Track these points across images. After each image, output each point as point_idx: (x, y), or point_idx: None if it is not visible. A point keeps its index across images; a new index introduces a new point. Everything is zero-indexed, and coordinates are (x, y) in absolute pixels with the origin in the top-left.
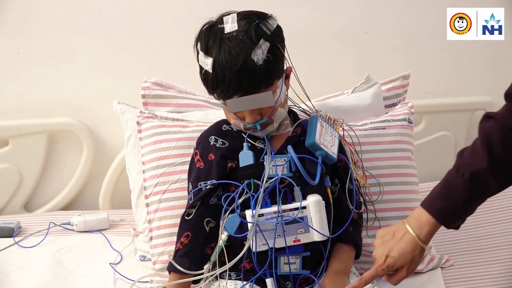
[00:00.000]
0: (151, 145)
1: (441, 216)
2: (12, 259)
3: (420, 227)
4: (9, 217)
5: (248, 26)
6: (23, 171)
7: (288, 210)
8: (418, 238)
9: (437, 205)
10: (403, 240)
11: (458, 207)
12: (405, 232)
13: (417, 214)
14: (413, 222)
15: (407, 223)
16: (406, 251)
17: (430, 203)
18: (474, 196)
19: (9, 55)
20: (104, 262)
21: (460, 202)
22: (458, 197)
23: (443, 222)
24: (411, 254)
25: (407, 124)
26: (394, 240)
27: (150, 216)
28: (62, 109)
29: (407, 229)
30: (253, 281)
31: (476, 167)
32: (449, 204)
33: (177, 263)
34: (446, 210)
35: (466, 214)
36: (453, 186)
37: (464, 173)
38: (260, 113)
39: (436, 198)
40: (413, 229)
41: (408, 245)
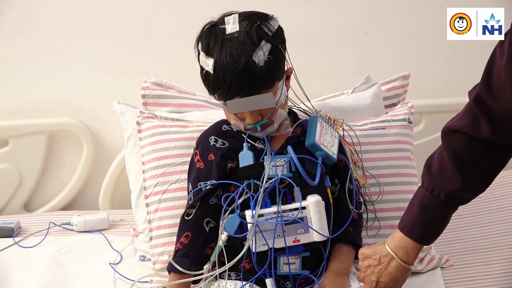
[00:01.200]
0: (151, 145)
1: (425, 239)
2: (12, 259)
3: (407, 254)
4: (9, 217)
5: (249, 27)
6: (23, 171)
7: (288, 210)
8: (406, 264)
9: (419, 230)
10: (391, 266)
11: (439, 227)
12: (391, 259)
13: (398, 239)
14: (398, 249)
15: (392, 251)
16: (396, 276)
17: (411, 229)
18: (451, 212)
19: (8, 55)
20: (104, 262)
21: (440, 222)
22: (437, 218)
23: (427, 243)
24: (402, 278)
25: (407, 124)
26: (381, 265)
27: (150, 216)
28: (62, 109)
29: (393, 256)
30: (252, 281)
31: (451, 187)
32: (430, 227)
33: (177, 263)
34: (428, 233)
35: (444, 228)
36: (431, 209)
37: (439, 194)
38: (261, 114)
39: (416, 224)
40: (400, 257)
41: (397, 271)
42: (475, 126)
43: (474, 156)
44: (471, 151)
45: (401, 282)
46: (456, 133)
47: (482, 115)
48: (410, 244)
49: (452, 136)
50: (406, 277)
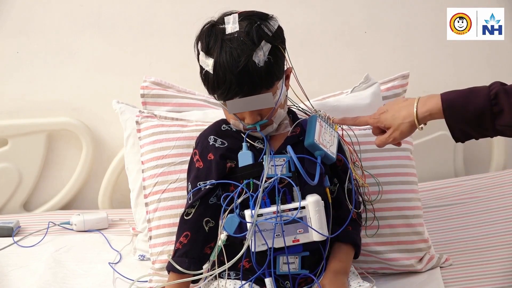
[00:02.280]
0: (150, 145)
1: (448, 105)
2: (11, 258)
3: (424, 104)
4: (8, 217)
5: (249, 27)
6: (22, 171)
7: (287, 210)
8: (416, 112)
9: (452, 95)
10: (404, 106)
11: (467, 111)
12: (411, 102)
13: (431, 95)
14: (423, 98)
15: (419, 97)
16: (399, 114)
17: (447, 93)
18: (487, 112)
19: (8, 55)
20: (103, 261)
21: (472, 108)
22: (474, 102)
23: (445, 111)
24: (401, 119)
25: None
26: (399, 104)
27: (149, 215)
28: (61, 108)
29: (415, 99)
30: (252, 280)
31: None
32: (462, 102)
33: (176, 263)
34: (455, 105)
35: (468, 123)
36: (477, 93)
37: (492, 89)
38: (260, 114)
39: (455, 92)
40: (417, 103)
41: (404, 111)
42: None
43: None
44: None
45: (398, 122)
46: None
47: None
48: (434, 99)
49: None
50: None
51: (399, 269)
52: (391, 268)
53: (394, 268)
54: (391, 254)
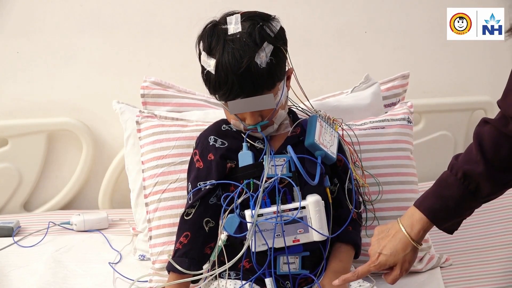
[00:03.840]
0: (151, 145)
1: (432, 214)
2: (12, 258)
3: (411, 226)
4: (9, 217)
5: (252, 28)
6: (23, 171)
7: (287, 210)
8: (409, 237)
9: (428, 203)
10: (395, 238)
11: (450, 206)
12: (398, 230)
13: (410, 213)
14: (405, 220)
15: (400, 222)
16: (397, 249)
17: (422, 201)
18: (466, 195)
19: (8, 55)
20: (104, 261)
21: (452, 201)
22: (450, 195)
23: (434, 220)
24: (402, 252)
25: (406, 123)
26: (387, 238)
27: (150, 215)
28: (62, 108)
29: (399, 227)
30: (252, 280)
31: (469, 168)
32: (440, 202)
33: (176, 263)
34: (437, 208)
35: (457, 214)
36: (446, 184)
37: (457, 172)
38: (261, 114)
39: (428, 197)
40: (405, 228)
41: (399, 243)
42: (502, 120)
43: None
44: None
45: (401, 256)
46: (487, 124)
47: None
48: (417, 216)
49: (483, 126)
50: (408, 255)
51: None
52: None
53: None
54: None
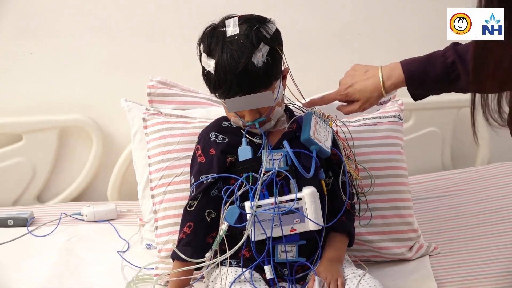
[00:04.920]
0: (156, 140)
1: (410, 78)
2: (26, 247)
3: (389, 77)
4: (23, 208)
5: (249, 30)
6: (36, 165)
7: (284, 201)
8: (382, 84)
9: (412, 68)
10: (370, 79)
11: (427, 80)
12: (375, 75)
13: (393, 66)
14: (386, 70)
15: (380, 69)
16: (368, 89)
17: (408, 64)
18: (445, 79)
19: (22, 56)
20: (112, 250)
21: (431, 77)
22: (432, 71)
23: (408, 83)
24: (370, 93)
25: (397, 120)
26: (363, 76)
27: (156, 207)
28: (73, 106)
29: (378, 73)
30: (252, 268)
31: (460, 58)
32: (422, 73)
33: (180, 252)
34: (416, 76)
35: (429, 90)
36: (434, 62)
37: (448, 57)
38: (259, 111)
39: (415, 63)
40: (382, 75)
41: (371, 85)
42: None
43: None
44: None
45: (367, 95)
46: None
47: None
48: (398, 72)
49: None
50: (373, 97)
51: (390, 257)
52: (383, 256)
53: (386, 256)
54: (383, 243)
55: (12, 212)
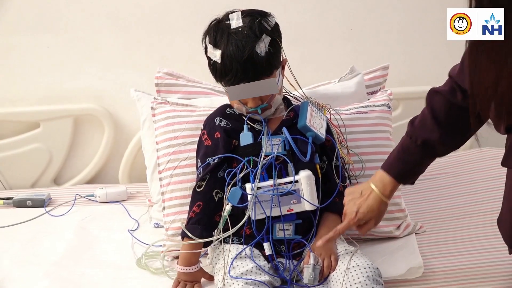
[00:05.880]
0: (164, 127)
1: (400, 176)
2: (44, 226)
3: (384, 187)
4: (41, 190)
5: (252, 22)
6: (53, 150)
7: (282, 183)
8: (383, 195)
9: (396, 168)
10: (370, 198)
11: (413, 168)
12: (371, 192)
13: (379, 176)
14: (377, 183)
15: (372, 184)
16: (373, 207)
17: (390, 166)
18: (425, 158)
19: (40, 50)
20: (123, 229)
21: (414, 164)
22: (412, 160)
23: (401, 181)
24: (378, 209)
25: (386, 109)
26: (362, 198)
27: (163, 189)
28: (86, 96)
29: (372, 189)
30: (252, 245)
31: (426, 136)
32: (405, 166)
33: (190, 230)
34: (403, 172)
35: (419, 172)
36: (408, 151)
37: (416, 140)
38: (261, 98)
39: (395, 162)
40: (378, 189)
41: (375, 202)
42: (452, 91)
43: (448, 116)
44: (447, 112)
45: (376, 212)
46: (438, 94)
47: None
48: (387, 179)
49: (434, 96)
50: (381, 210)
51: (379, 235)
52: (373, 234)
53: (376, 234)
54: None
55: (30, 193)
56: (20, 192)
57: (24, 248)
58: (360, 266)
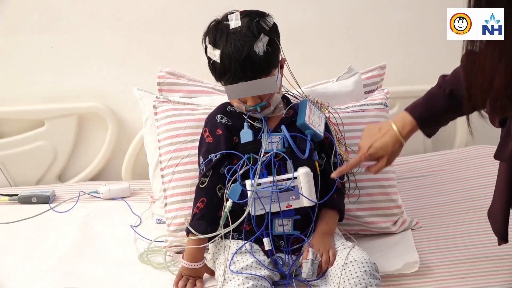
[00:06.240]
0: (166, 125)
1: (421, 120)
2: (48, 222)
3: (403, 126)
4: (46, 187)
5: (250, 23)
6: (57, 148)
7: (281, 180)
8: (400, 135)
9: (419, 110)
10: (386, 135)
11: (435, 116)
12: (390, 129)
13: (402, 116)
14: (398, 122)
15: (392, 122)
16: (388, 144)
17: (414, 109)
18: (450, 110)
19: (45, 49)
20: (126, 224)
21: (437, 112)
22: (437, 107)
23: (421, 125)
24: (392, 147)
25: (383, 107)
26: (379, 134)
27: (165, 185)
28: (90, 95)
29: (391, 126)
30: (252, 240)
31: (455, 87)
32: (429, 112)
33: (194, 226)
34: (425, 116)
35: (440, 123)
36: (435, 98)
37: (445, 89)
38: (260, 97)
39: (419, 106)
40: (397, 127)
41: (390, 140)
42: None
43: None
44: None
45: (390, 150)
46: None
47: None
48: (409, 119)
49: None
50: (396, 149)
51: (376, 231)
52: (370, 230)
53: (373, 230)
54: (370, 218)
55: (35, 190)
56: (25, 189)
57: (29, 244)
58: (358, 261)
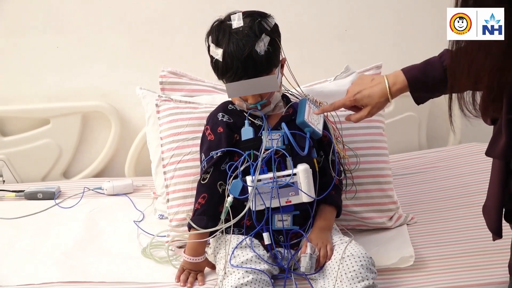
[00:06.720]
0: (168, 124)
1: (413, 82)
2: (53, 217)
3: (394, 83)
4: (51, 183)
5: (252, 23)
6: (62, 145)
7: (281, 176)
8: (389, 90)
9: (414, 73)
10: (377, 86)
11: (428, 82)
12: (381, 82)
13: (396, 73)
14: (390, 77)
15: (385, 76)
16: (375, 95)
17: (409, 70)
18: (444, 81)
19: (50, 50)
20: (129, 220)
21: (431, 79)
22: (432, 75)
23: (412, 87)
24: (378, 98)
25: None
26: (370, 84)
27: (167, 182)
28: (94, 94)
29: (384, 80)
30: (252, 235)
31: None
32: (422, 78)
33: (195, 221)
34: (418, 81)
35: (430, 91)
36: (432, 66)
37: (444, 60)
38: (261, 95)
39: (415, 69)
40: (388, 82)
41: (378, 91)
42: None
43: None
44: None
45: (374, 102)
46: None
47: None
48: (401, 78)
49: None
50: (381, 102)
51: (373, 226)
52: (367, 225)
53: (369, 225)
54: (366, 214)
55: (41, 186)
56: (31, 185)
57: (34, 238)
58: (355, 255)
